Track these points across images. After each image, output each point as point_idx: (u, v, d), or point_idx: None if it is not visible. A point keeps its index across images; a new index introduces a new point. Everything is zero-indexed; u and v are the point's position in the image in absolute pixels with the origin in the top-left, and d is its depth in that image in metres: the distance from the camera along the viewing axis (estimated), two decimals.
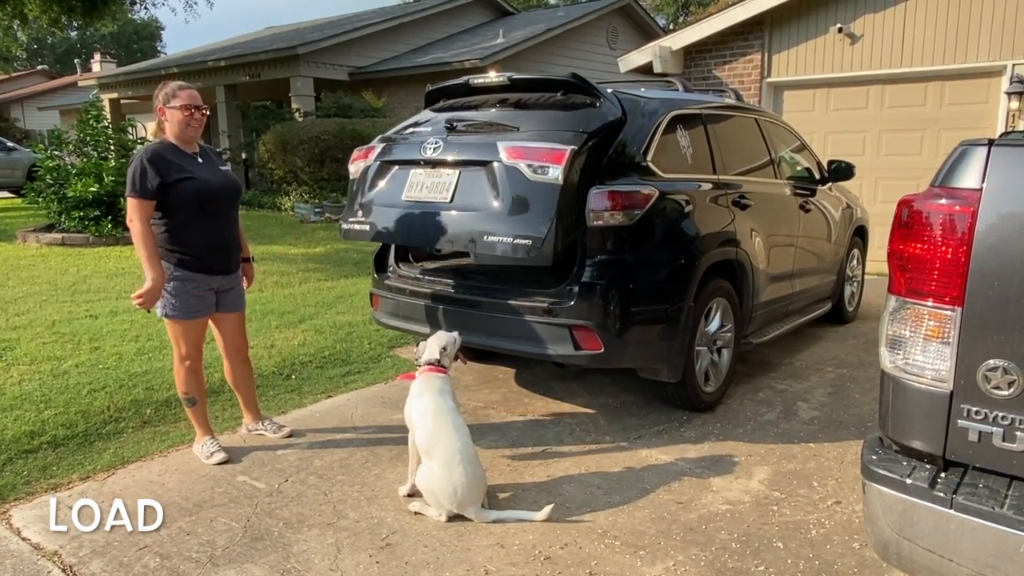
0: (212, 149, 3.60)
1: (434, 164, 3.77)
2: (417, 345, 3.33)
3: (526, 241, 3.34)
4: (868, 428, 3.84)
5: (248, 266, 3.73)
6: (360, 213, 4.06)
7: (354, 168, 4.21)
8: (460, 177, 3.67)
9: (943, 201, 1.89)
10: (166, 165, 3.24)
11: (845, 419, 4.07)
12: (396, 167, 3.99)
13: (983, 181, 1.82)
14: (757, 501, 3.12)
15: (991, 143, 1.84)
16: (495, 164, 3.51)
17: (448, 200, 3.67)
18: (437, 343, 3.24)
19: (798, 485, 3.27)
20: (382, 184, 4.02)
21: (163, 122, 3.34)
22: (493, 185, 3.52)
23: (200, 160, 3.38)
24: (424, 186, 3.79)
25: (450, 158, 3.71)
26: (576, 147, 3.40)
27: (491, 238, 3.45)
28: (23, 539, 2.84)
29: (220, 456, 3.48)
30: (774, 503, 3.10)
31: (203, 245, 3.35)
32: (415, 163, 3.87)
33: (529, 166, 3.40)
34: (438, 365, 3.18)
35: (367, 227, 4.01)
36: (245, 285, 3.72)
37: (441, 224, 3.69)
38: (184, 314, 3.35)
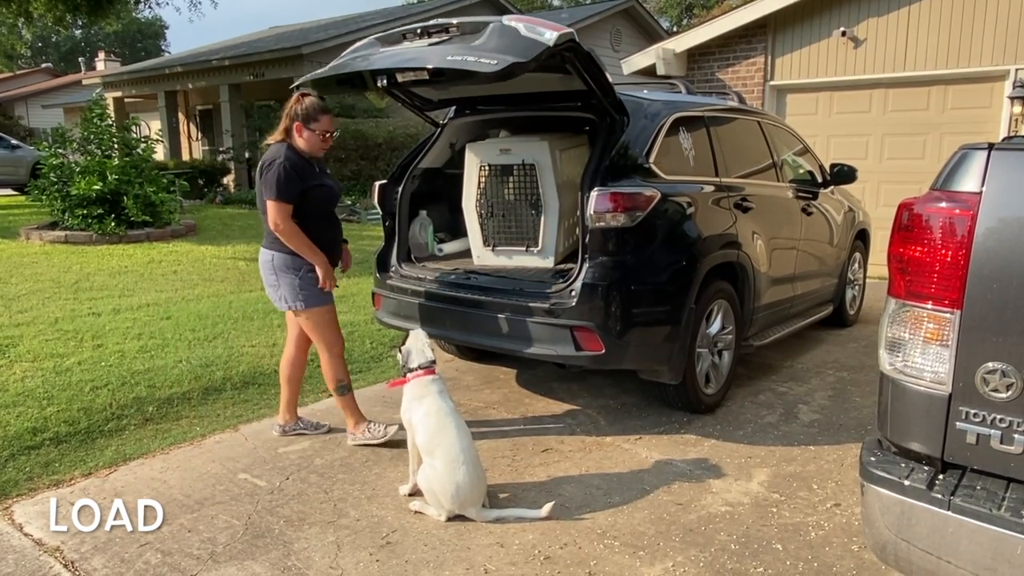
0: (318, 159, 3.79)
1: (430, 32, 3.59)
2: (400, 350, 3.30)
3: (491, 61, 3.13)
4: (868, 431, 3.83)
5: (345, 249, 3.90)
6: (327, 69, 3.82)
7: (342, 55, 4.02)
8: (449, 38, 3.51)
9: (943, 204, 1.89)
10: (302, 172, 3.50)
11: (845, 422, 4.08)
12: (389, 44, 3.77)
13: (983, 185, 1.83)
14: (756, 503, 3.13)
15: (991, 147, 1.84)
16: (491, 25, 3.37)
17: (426, 46, 3.51)
18: (423, 344, 3.23)
19: (798, 487, 3.27)
20: (366, 50, 3.80)
21: (295, 132, 3.52)
22: (479, 36, 3.36)
23: (317, 169, 3.64)
24: (408, 46, 3.64)
25: (453, 21, 3.53)
26: (575, 38, 3.28)
27: (454, 57, 3.26)
28: (25, 535, 2.85)
29: (394, 428, 3.59)
30: (773, 505, 3.11)
31: (329, 240, 3.65)
32: (410, 33, 3.69)
33: (526, 26, 3.28)
34: (430, 366, 3.18)
35: (325, 70, 3.78)
36: (342, 268, 3.92)
37: (407, 56, 3.55)
38: (323, 300, 3.59)
